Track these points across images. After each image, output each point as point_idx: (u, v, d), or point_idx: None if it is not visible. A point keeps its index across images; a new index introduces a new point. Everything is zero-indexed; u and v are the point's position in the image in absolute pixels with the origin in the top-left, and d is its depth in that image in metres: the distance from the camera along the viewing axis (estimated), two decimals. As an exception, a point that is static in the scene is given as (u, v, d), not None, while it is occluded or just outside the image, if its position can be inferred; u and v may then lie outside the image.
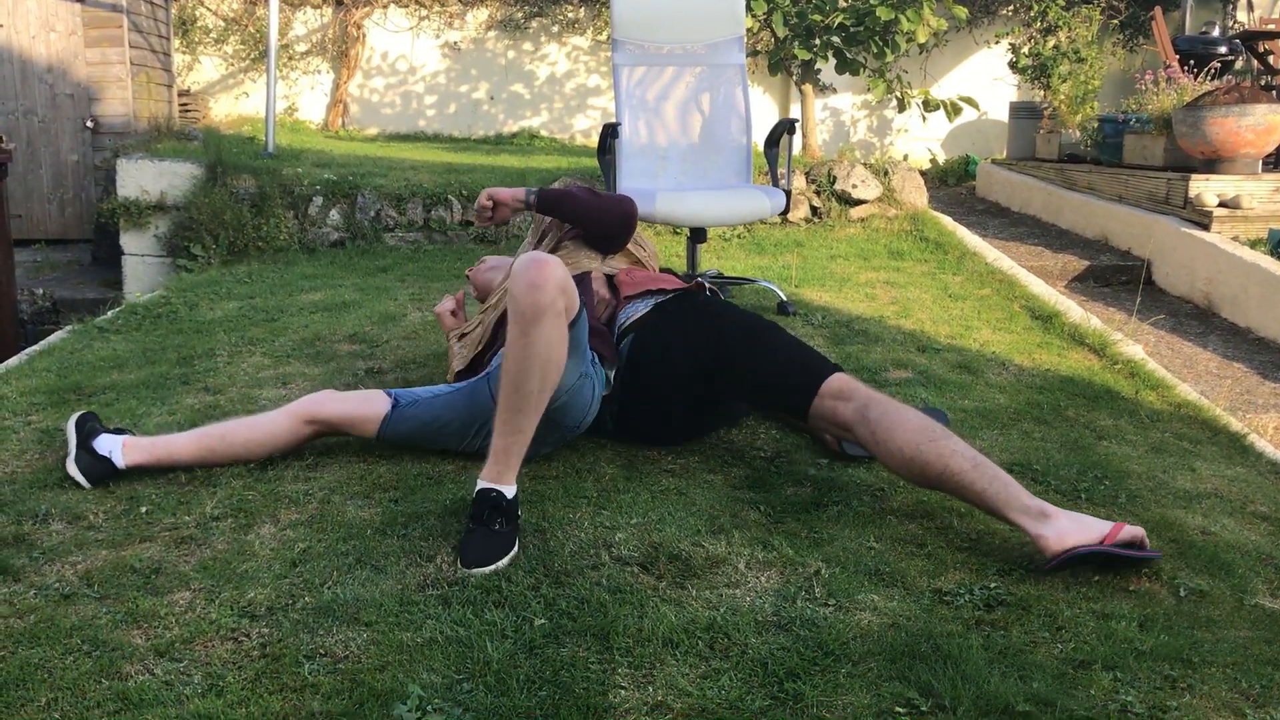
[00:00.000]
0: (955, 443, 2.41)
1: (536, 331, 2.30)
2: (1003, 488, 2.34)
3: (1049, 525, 2.27)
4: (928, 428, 2.43)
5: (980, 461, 2.39)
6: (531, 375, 2.32)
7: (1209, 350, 5.06)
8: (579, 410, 2.69)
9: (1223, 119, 6.20)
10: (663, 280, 3.05)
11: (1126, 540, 2.28)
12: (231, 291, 5.06)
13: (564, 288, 2.36)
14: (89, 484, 2.64)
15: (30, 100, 8.35)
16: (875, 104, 11.32)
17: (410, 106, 11.90)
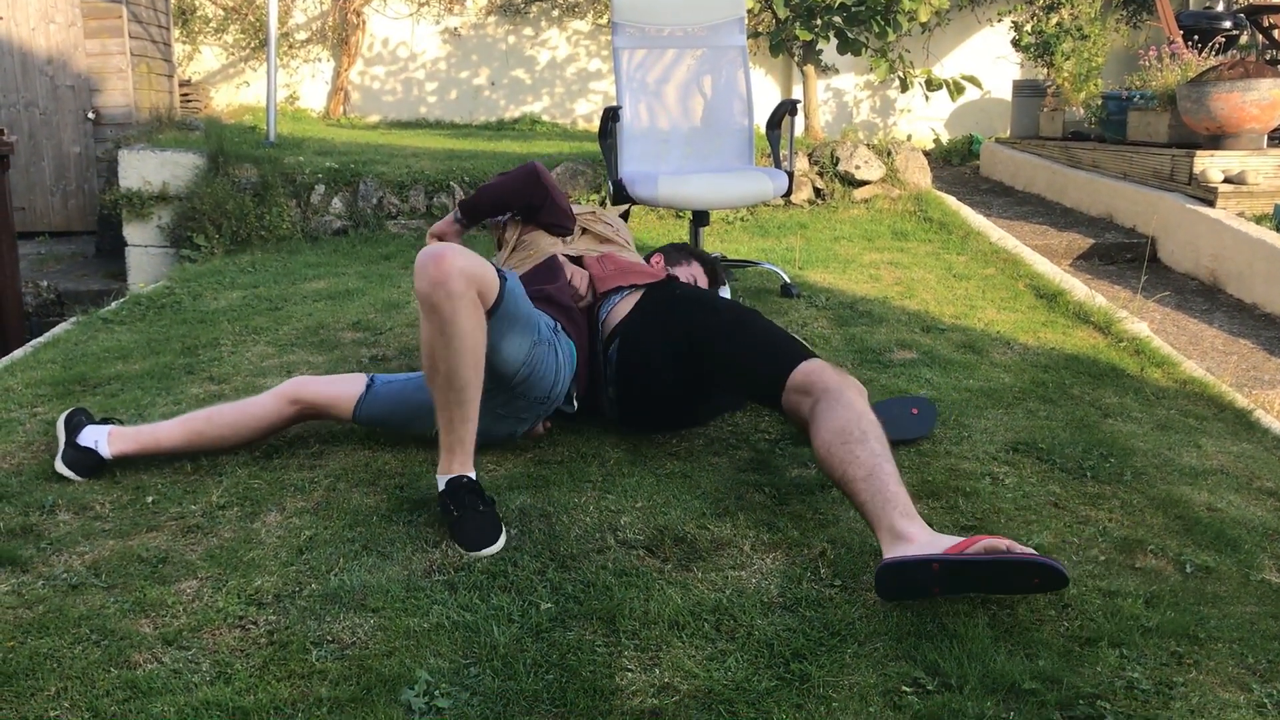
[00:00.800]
0: (864, 448, 2.20)
1: (453, 326, 2.26)
2: (881, 505, 2.10)
3: (899, 547, 2.04)
4: (846, 429, 2.24)
5: (876, 472, 2.16)
6: (461, 368, 2.29)
7: (1215, 327, 5.04)
8: (545, 380, 2.65)
9: (1227, 94, 6.16)
10: (636, 271, 3.02)
11: (978, 551, 1.96)
12: (235, 281, 5.07)
13: (469, 274, 2.29)
14: (79, 477, 2.65)
15: (31, 92, 8.35)
16: (878, 84, 11.28)
17: (411, 93, 11.87)
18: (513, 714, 1.72)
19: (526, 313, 2.56)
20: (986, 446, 2.86)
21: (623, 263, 3.08)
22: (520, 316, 2.52)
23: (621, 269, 3.04)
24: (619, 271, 3.02)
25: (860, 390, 2.39)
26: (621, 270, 3.02)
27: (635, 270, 3.04)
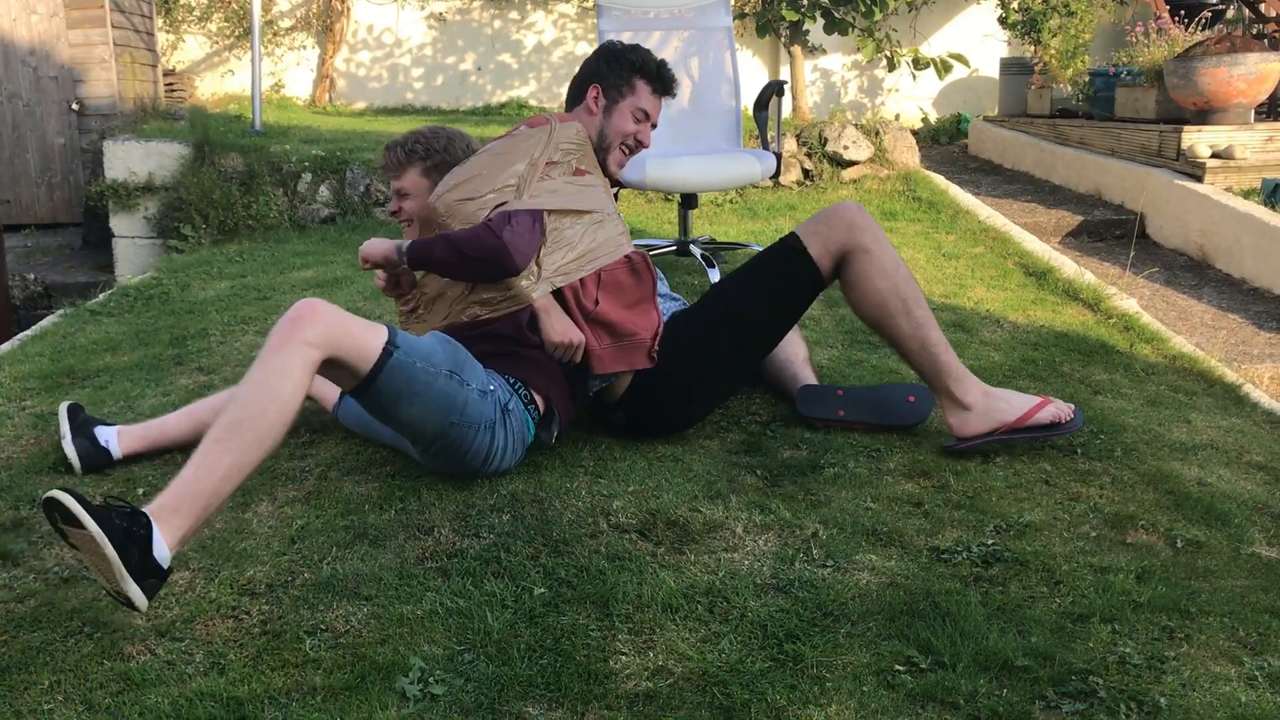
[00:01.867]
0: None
1: (272, 358, 2.05)
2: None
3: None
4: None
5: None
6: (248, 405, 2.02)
7: (1204, 302, 5.05)
8: (472, 459, 2.41)
9: (1214, 69, 6.16)
10: (638, 354, 2.64)
11: (1045, 421, 2.64)
12: (223, 271, 5.05)
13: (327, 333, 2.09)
14: (80, 468, 2.63)
15: (14, 84, 8.29)
16: (865, 64, 11.26)
17: (397, 79, 11.81)
18: (507, 699, 1.72)
19: (437, 391, 2.28)
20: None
21: (620, 326, 2.62)
22: (419, 393, 2.26)
23: (621, 348, 2.62)
24: (617, 354, 2.62)
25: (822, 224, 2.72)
26: (620, 354, 2.63)
27: (636, 352, 2.64)
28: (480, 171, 2.58)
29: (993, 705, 1.70)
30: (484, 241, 2.43)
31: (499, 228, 2.43)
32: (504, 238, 2.42)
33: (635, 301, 2.66)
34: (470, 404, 2.34)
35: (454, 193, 2.56)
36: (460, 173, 2.61)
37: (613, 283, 2.64)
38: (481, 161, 2.63)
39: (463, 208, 2.53)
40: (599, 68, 2.87)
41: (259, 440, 2.00)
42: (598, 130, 2.84)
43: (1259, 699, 1.74)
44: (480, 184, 2.56)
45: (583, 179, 2.67)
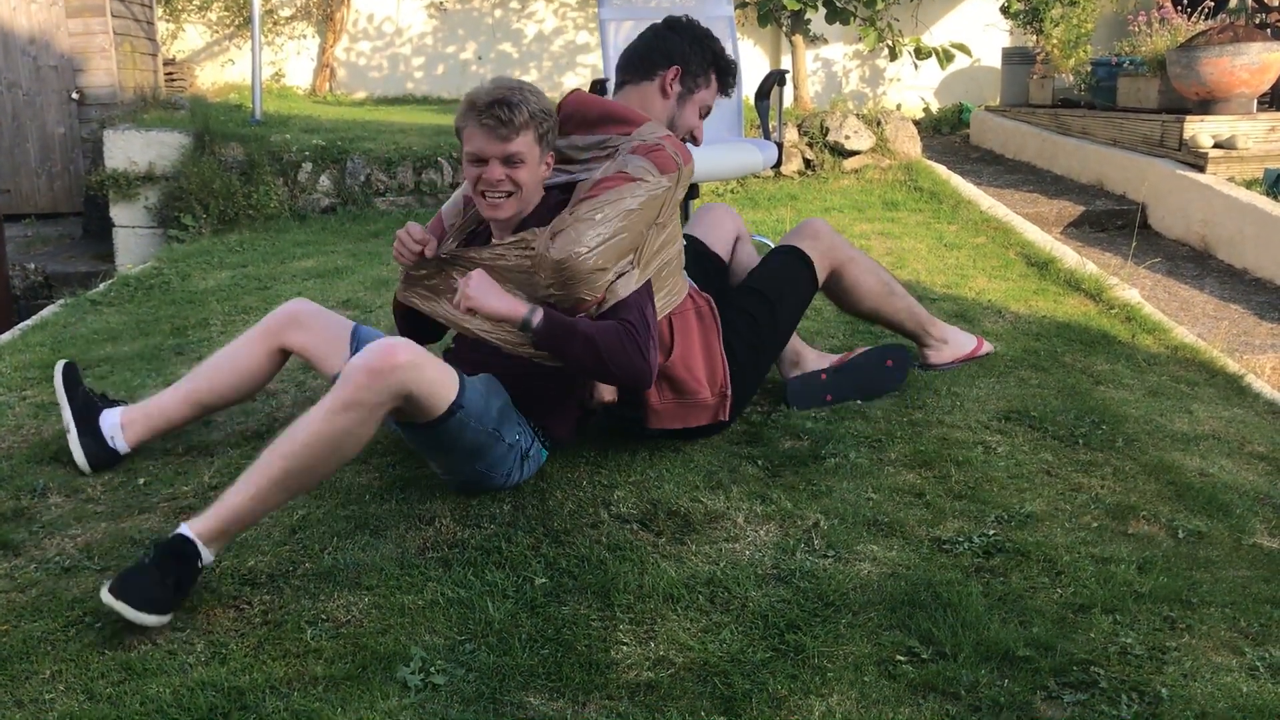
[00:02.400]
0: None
1: (347, 416, 1.99)
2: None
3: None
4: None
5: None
6: (312, 454, 2.00)
7: (1206, 292, 5.04)
8: (489, 484, 2.36)
9: (1217, 59, 6.14)
10: (697, 413, 2.57)
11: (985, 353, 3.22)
12: (223, 261, 5.04)
13: (404, 388, 2.02)
14: (90, 470, 2.57)
15: (14, 73, 8.26)
16: (867, 53, 11.22)
17: (397, 69, 11.78)
18: (509, 689, 1.72)
19: (478, 446, 2.24)
20: (979, 415, 2.86)
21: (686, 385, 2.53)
22: (463, 445, 2.22)
23: (683, 406, 2.54)
24: (678, 410, 2.55)
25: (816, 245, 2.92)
26: (683, 408, 2.55)
27: (700, 403, 2.56)
28: (616, 232, 2.24)
29: (994, 695, 1.70)
30: (633, 363, 2.22)
31: (645, 344, 2.24)
32: (649, 359, 2.24)
33: (702, 350, 2.54)
34: (499, 456, 2.29)
35: (589, 256, 2.21)
36: (593, 229, 2.22)
37: (682, 328, 2.52)
38: (616, 218, 2.25)
39: (595, 276, 2.23)
40: (683, 48, 2.64)
41: (315, 482, 2.13)
42: (668, 117, 2.64)
43: (1260, 689, 1.74)
44: (613, 248, 2.24)
45: (673, 210, 2.44)
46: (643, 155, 2.34)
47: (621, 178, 2.30)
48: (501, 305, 2.20)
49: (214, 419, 2.90)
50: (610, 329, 2.22)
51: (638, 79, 2.64)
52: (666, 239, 2.44)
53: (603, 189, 2.28)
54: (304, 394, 3.05)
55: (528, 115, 2.24)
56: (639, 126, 2.43)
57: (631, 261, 2.30)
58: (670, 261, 2.47)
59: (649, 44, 2.67)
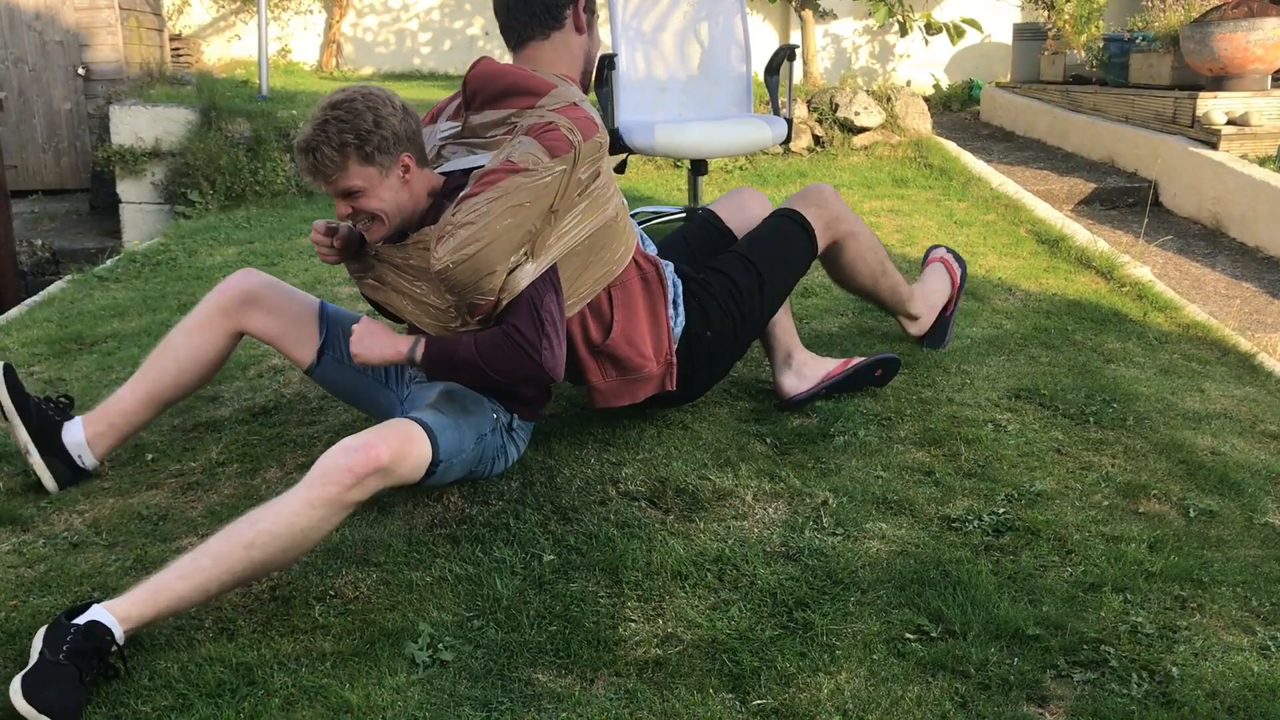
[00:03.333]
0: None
1: (320, 511, 1.85)
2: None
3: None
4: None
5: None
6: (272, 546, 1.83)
7: (1217, 270, 5.01)
8: (489, 474, 2.32)
9: (1231, 34, 6.08)
10: (645, 386, 2.46)
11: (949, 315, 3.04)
12: (230, 237, 5.03)
13: (382, 475, 1.92)
14: (57, 489, 2.38)
15: (20, 49, 8.24)
16: (877, 29, 11.14)
17: (405, 45, 11.73)
18: (516, 665, 1.72)
19: (465, 465, 2.18)
20: (989, 393, 2.85)
21: (629, 360, 2.41)
22: (452, 474, 2.16)
23: (628, 382, 2.43)
24: (624, 387, 2.44)
25: (820, 214, 2.78)
26: (629, 387, 2.45)
27: (644, 384, 2.46)
28: (497, 235, 2.08)
29: (1003, 674, 1.70)
30: (524, 367, 2.12)
31: (534, 346, 2.11)
32: (543, 361, 2.12)
33: (647, 320, 2.43)
34: (486, 454, 2.24)
35: (470, 264, 2.08)
36: (471, 230, 2.08)
37: (624, 300, 2.39)
38: (497, 217, 2.09)
39: (483, 281, 2.10)
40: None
41: (262, 575, 1.91)
42: (584, 53, 2.46)
43: (1271, 669, 1.73)
44: (496, 250, 2.09)
45: (598, 181, 2.28)
46: (535, 137, 2.16)
47: (507, 168, 2.13)
48: (386, 351, 2.17)
49: (221, 394, 2.90)
50: (491, 342, 2.12)
51: (547, 29, 2.39)
52: (574, 222, 2.25)
53: (486, 184, 2.11)
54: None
55: (334, 150, 2.10)
56: (545, 95, 2.25)
57: (526, 253, 2.15)
58: (595, 236, 2.30)
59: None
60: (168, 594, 1.77)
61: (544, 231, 2.18)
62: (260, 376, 3.03)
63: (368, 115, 2.12)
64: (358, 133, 2.10)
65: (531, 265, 2.16)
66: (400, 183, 2.18)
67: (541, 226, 2.16)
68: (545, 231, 2.18)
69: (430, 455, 2.02)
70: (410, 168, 2.18)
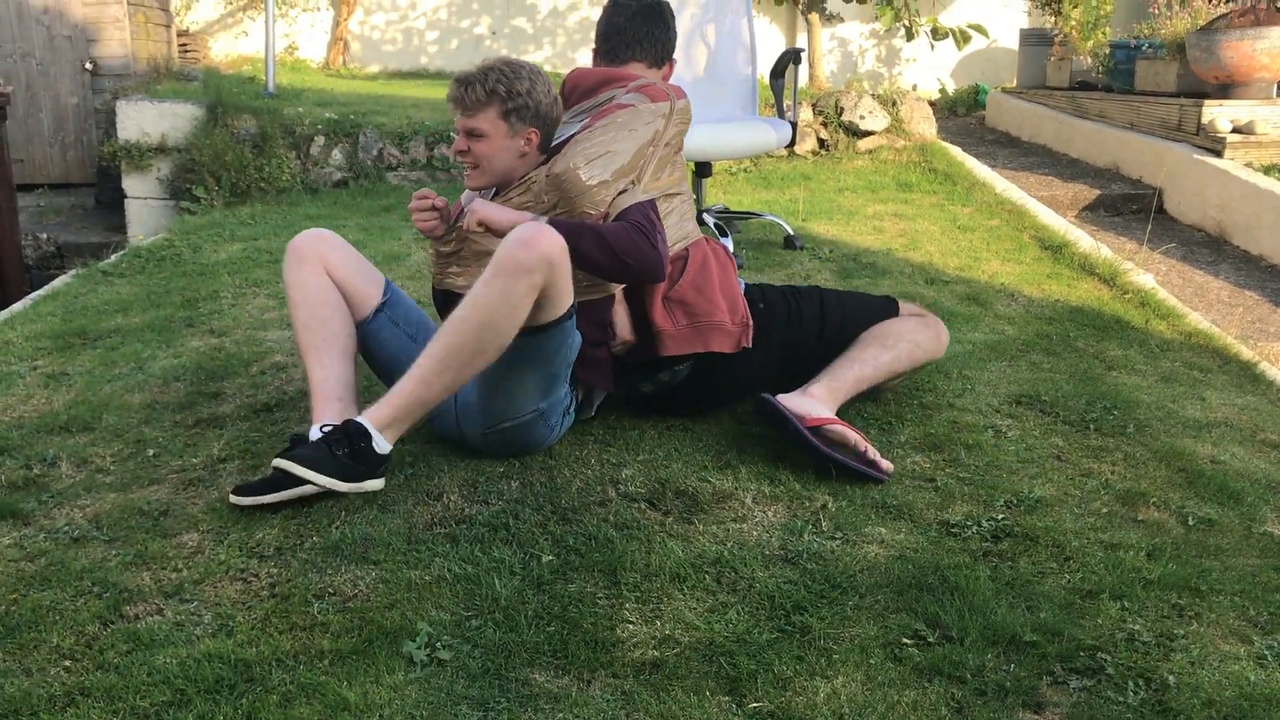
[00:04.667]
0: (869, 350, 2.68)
1: (501, 283, 2.11)
2: (824, 369, 2.65)
3: (796, 396, 2.51)
4: (880, 332, 2.73)
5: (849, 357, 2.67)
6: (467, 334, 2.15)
7: (1220, 279, 5.01)
8: (519, 447, 2.43)
9: (1237, 42, 6.08)
10: (715, 336, 2.54)
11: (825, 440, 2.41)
12: (235, 233, 5.04)
13: (552, 262, 2.13)
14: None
15: (28, 43, 8.25)
16: (883, 33, 11.14)
17: (412, 43, 11.74)
18: (514, 665, 1.72)
19: (551, 372, 2.33)
20: (989, 399, 2.85)
21: (699, 329, 2.53)
22: (549, 362, 2.31)
23: (697, 329, 2.53)
24: (693, 334, 2.54)
25: (924, 323, 2.75)
26: (697, 334, 2.54)
27: (715, 332, 2.55)
28: (612, 150, 2.38)
29: (1000, 680, 1.70)
30: (643, 251, 2.30)
31: (653, 236, 2.33)
32: (660, 249, 2.33)
33: (719, 278, 2.57)
34: (556, 400, 2.38)
35: (588, 169, 2.35)
36: (590, 146, 2.38)
37: (697, 259, 2.56)
38: (612, 139, 2.40)
39: (591, 191, 2.35)
40: (672, 34, 2.78)
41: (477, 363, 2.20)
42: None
43: (1268, 678, 1.73)
44: (610, 164, 2.37)
45: (679, 157, 2.60)
46: (634, 91, 2.52)
47: (615, 108, 2.47)
48: (509, 215, 2.32)
49: (223, 391, 2.91)
50: (616, 225, 2.33)
51: (652, 63, 2.74)
52: (671, 177, 2.53)
53: (597, 118, 2.46)
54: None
55: (484, 92, 2.37)
56: (635, 80, 2.56)
57: (633, 181, 2.41)
58: (675, 206, 2.56)
59: (666, 34, 2.75)
60: (399, 394, 2.20)
61: (647, 169, 2.44)
62: (263, 374, 3.03)
63: (525, 82, 2.40)
64: (510, 90, 2.38)
65: (638, 191, 2.41)
66: (517, 149, 2.43)
67: (646, 163, 2.44)
68: (647, 170, 2.44)
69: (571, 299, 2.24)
70: (532, 143, 2.44)
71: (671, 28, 2.78)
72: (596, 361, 2.51)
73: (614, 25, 2.73)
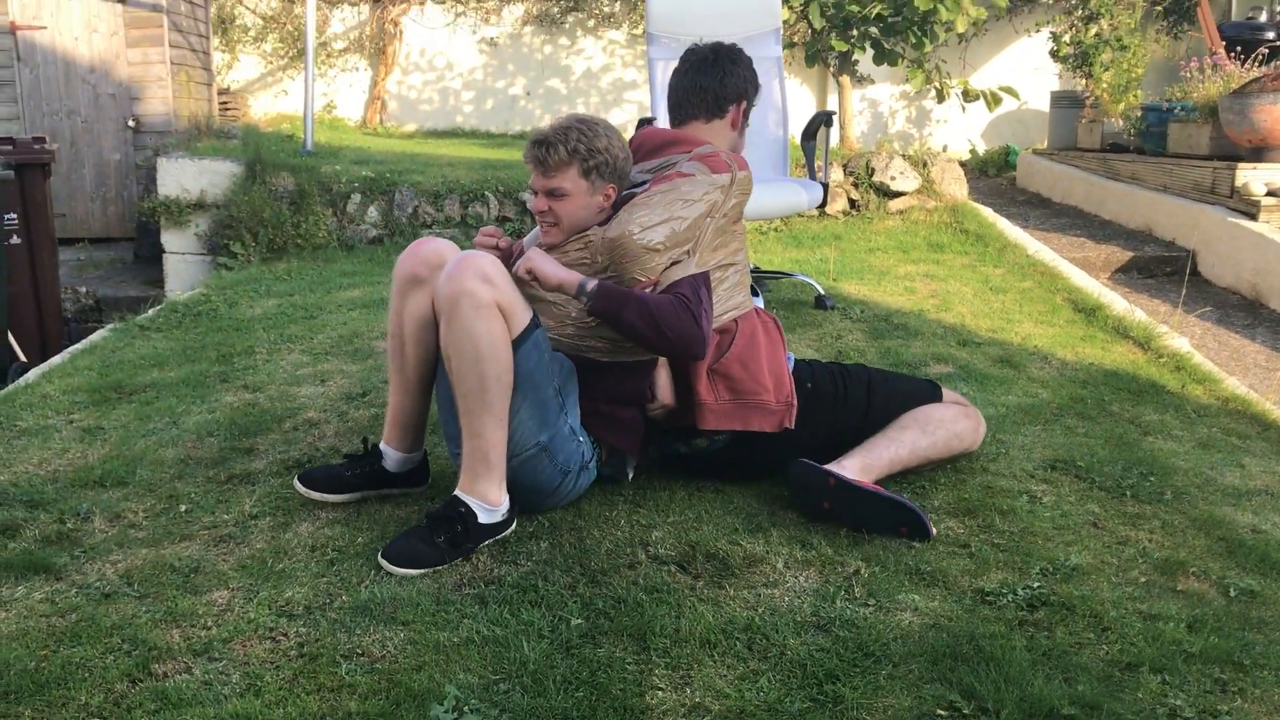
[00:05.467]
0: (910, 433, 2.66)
1: (456, 323, 2.17)
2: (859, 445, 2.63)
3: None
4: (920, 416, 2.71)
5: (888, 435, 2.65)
6: (465, 373, 2.19)
7: (1258, 342, 4.96)
8: (528, 489, 2.37)
9: (1270, 106, 6.07)
10: (757, 415, 2.53)
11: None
12: (271, 289, 5.09)
13: (486, 276, 2.17)
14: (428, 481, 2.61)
15: (73, 100, 8.45)
16: (914, 94, 11.22)
17: (448, 103, 11.93)
18: (542, 732, 1.70)
19: (544, 397, 2.32)
20: (1024, 464, 2.82)
21: (742, 383, 2.52)
22: (536, 385, 2.29)
23: (739, 406, 2.51)
24: (735, 411, 2.52)
25: (965, 413, 2.74)
26: (740, 411, 2.52)
27: (757, 412, 2.53)
28: (669, 217, 2.38)
29: (1038, 755, 1.66)
30: (686, 326, 2.29)
31: (699, 313, 2.31)
32: (704, 328, 2.31)
33: (767, 354, 2.55)
34: (561, 437, 2.36)
35: (643, 235, 2.34)
36: (648, 212, 2.37)
37: (747, 332, 2.54)
38: (670, 205, 2.39)
39: (644, 257, 2.35)
40: (747, 81, 2.73)
41: (497, 397, 2.22)
42: (731, 146, 2.72)
43: (1315, 758, 1.68)
44: (666, 231, 2.36)
45: (738, 226, 2.57)
46: (698, 159, 2.50)
47: (676, 175, 2.46)
48: (559, 272, 2.33)
49: (256, 447, 2.92)
50: (663, 297, 2.32)
51: (708, 116, 2.71)
52: (727, 248, 2.53)
53: (658, 183, 2.45)
54: (345, 424, 3.06)
55: (566, 153, 2.38)
56: (699, 146, 2.56)
57: (687, 252, 2.40)
58: (728, 277, 2.54)
59: (723, 81, 2.70)
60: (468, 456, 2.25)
61: (704, 238, 2.43)
62: (295, 429, 3.05)
63: (603, 139, 2.41)
64: (590, 148, 2.39)
65: (692, 262, 2.40)
66: (597, 206, 2.44)
67: (702, 234, 2.42)
68: (704, 239, 2.43)
69: (531, 313, 2.27)
70: (610, 198, 2.46)
71: (731, 73, 2.70)
72: (621, 422, 2.50)
73: (670, 85, 2.76)
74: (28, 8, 8.32)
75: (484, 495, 2.25)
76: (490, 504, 2.25)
